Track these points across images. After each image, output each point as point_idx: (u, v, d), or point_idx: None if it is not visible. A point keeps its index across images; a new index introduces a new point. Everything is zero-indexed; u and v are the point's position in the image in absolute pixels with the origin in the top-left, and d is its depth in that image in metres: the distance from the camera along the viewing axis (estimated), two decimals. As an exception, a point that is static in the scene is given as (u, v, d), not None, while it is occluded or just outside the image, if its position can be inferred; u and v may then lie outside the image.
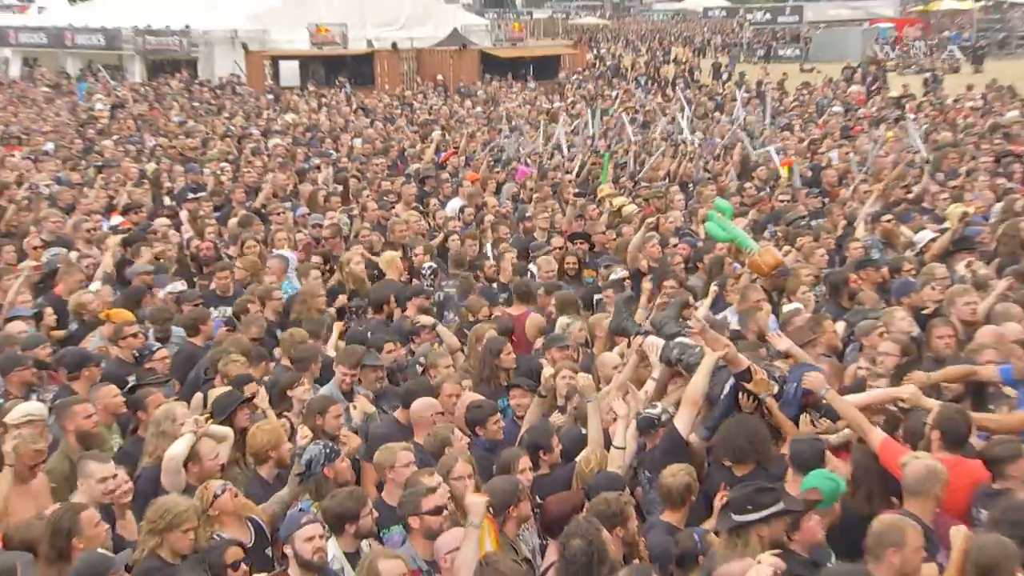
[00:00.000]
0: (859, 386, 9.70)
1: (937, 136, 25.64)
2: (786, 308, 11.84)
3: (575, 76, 53.61)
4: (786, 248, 14.68)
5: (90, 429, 9.01)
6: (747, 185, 20.07)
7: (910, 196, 18.32)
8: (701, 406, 8.42)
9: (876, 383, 9.35)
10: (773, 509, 6.29)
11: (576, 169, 22.13)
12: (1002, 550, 5.73)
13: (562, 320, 12.07)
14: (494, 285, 14.95)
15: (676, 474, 7.34)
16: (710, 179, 21.13)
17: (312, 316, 12.56)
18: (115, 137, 29.30)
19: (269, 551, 7.65)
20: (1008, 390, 8.79)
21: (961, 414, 7.74)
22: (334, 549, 6.98)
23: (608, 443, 8.56)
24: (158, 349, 11.05)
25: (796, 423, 8.57)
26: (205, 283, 14.54)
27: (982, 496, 6.99)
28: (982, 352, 9.30)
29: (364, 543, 7.25)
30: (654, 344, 8.97)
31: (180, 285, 13.83)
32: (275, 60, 49.38)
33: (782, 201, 18.36)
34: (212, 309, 13.46)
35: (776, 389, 8.45)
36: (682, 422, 8.04)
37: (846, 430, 8.25)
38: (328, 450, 7.77)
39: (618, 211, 17.28)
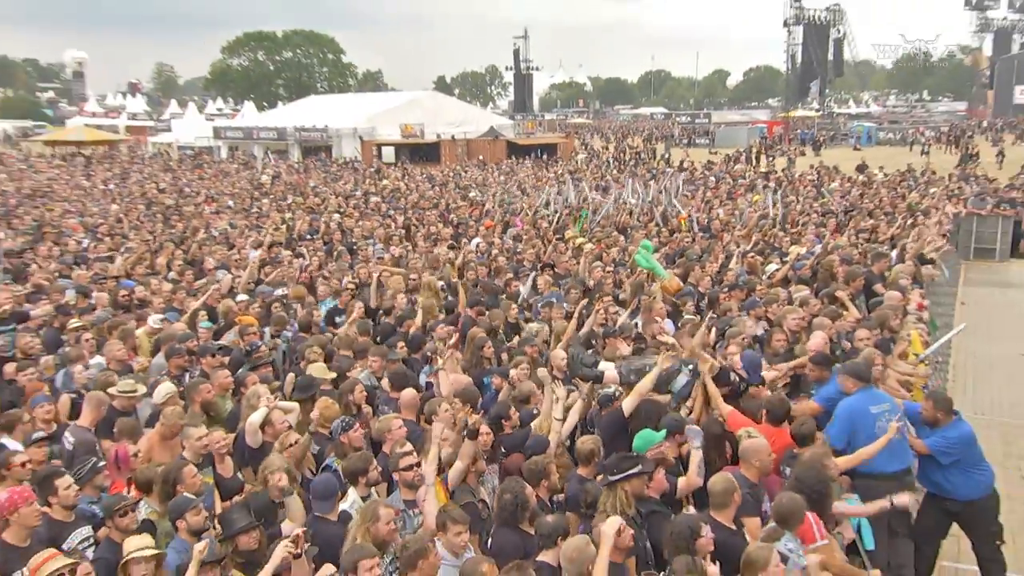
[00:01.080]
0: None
1: (787, 198, 24.86)
2: (685, 316, 11.33)
3: (579, 156, 52.32)
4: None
5: (209, 400, 8.71)
6: (663, 230, 19.46)
7: (766, 239, 17.79)
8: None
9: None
10: (631, 471, 6.09)
11: (554, 219, 21.56)
12: (792, 503, 5.55)
13: (530, 326, 11.37)
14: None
15: (585, 442, 6.96)
16: (642, 226, 20.34)
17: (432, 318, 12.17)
18: (271, 196, 29.45)
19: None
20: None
21: (781, 400, 7.40)
22: (353, 496, 6.48)
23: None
24: (259, 347, 10.56)
25: None
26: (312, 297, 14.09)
27: (787, 459, 6.67)
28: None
29: (373, 490, 6.75)
30: (611, 374, 8.13)
31: (280, 291, 13.61)
32: (379, 147, 49.43)
33: (685, 242, 17.79)
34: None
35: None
36: (627, 404, 7.51)
37: None
38: (344, 423, 7.36)
39: (579, 247, 16.71)
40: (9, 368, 9.85)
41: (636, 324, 11.44)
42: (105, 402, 8.48)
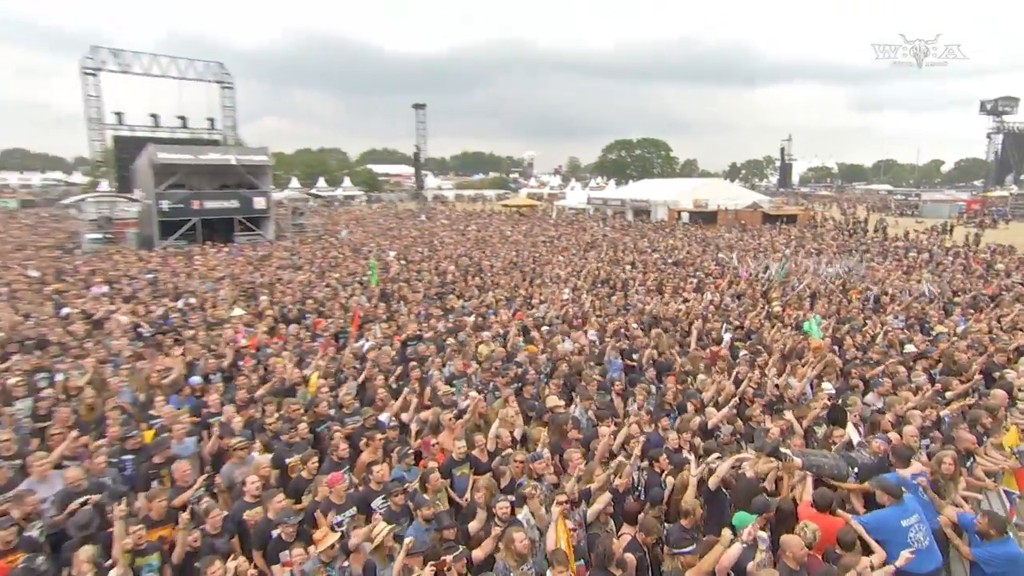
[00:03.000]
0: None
1: (953, 277, 18.49)
2: (824, 386, 8.71)
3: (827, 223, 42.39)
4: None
5: (483, 410, 7.93)
6: (843, 299, 15.13)
7: (921, 314, 13.57)
8: None
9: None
10: (685, 549, 4.87)
11: (766, 283, 17.66)
12: None
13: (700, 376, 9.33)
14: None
15: (687, 501, 5.52)
16: (827, 295, 15.72)
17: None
18: (597, 249, 26.62)
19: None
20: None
21: (822, 494, 5.53)
22: (525, 511, 5.59)
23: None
24: (529, 371, 9.32)
25: None
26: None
27: (830, 556, 4.95)
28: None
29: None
30: (797, 462, 5.99)
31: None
32: (679, 212, 45.92)
33: (852, 311, 13.89)
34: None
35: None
36: (712, 482, 5.80)
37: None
38: (534, 455, 6.36)
39: (772, 309, 13.95)
40: (412, 366, 9.74)
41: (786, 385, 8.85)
42: (437, 413, 7.80)
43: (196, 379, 9.45)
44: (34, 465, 6.59)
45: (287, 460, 6.92)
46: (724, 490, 5.90)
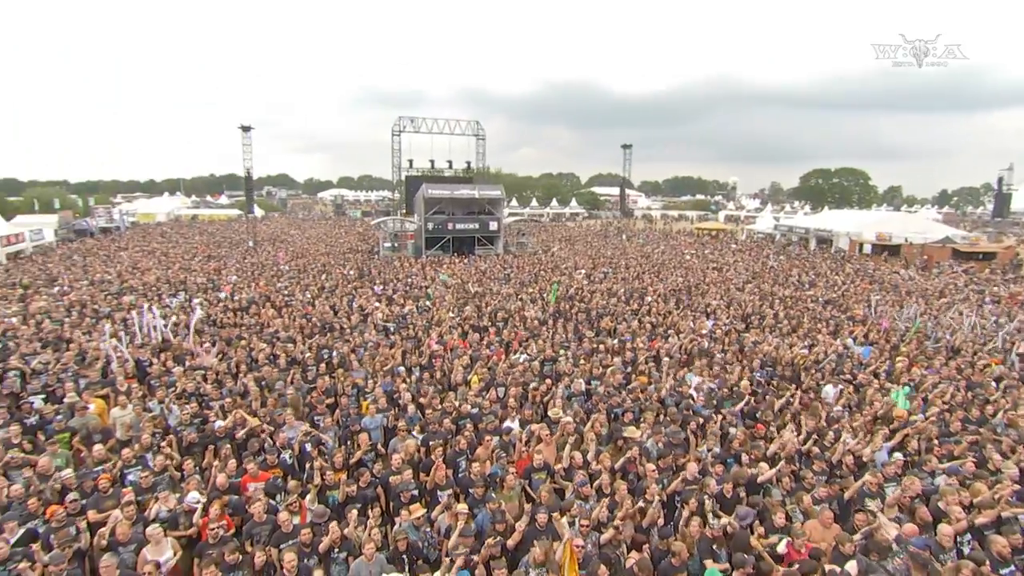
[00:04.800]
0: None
1: None
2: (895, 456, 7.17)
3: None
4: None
5: (568, 431, 7.81)
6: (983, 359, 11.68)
7: None
8: None
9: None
10: None
11: (904, 334, 13.90)
12: None
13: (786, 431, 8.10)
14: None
15: (677, 545, 5.31)
16: (970, 355, 12.09)
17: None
18: (759, 279, 22.97)
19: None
20: None
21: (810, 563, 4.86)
22: (564, 523, 5.66)
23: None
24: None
25: None
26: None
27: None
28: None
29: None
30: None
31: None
32: (860, 244, 37.78)
33: (984, 376, 10.65)
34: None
35: None
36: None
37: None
38: (581, 482, 6.39)
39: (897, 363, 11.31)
40: (547, 383, 9.60)
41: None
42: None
43: (400, 368, 10.71)
44: (287, 416, 8.73)
45: (430, 443, 7.84)
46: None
